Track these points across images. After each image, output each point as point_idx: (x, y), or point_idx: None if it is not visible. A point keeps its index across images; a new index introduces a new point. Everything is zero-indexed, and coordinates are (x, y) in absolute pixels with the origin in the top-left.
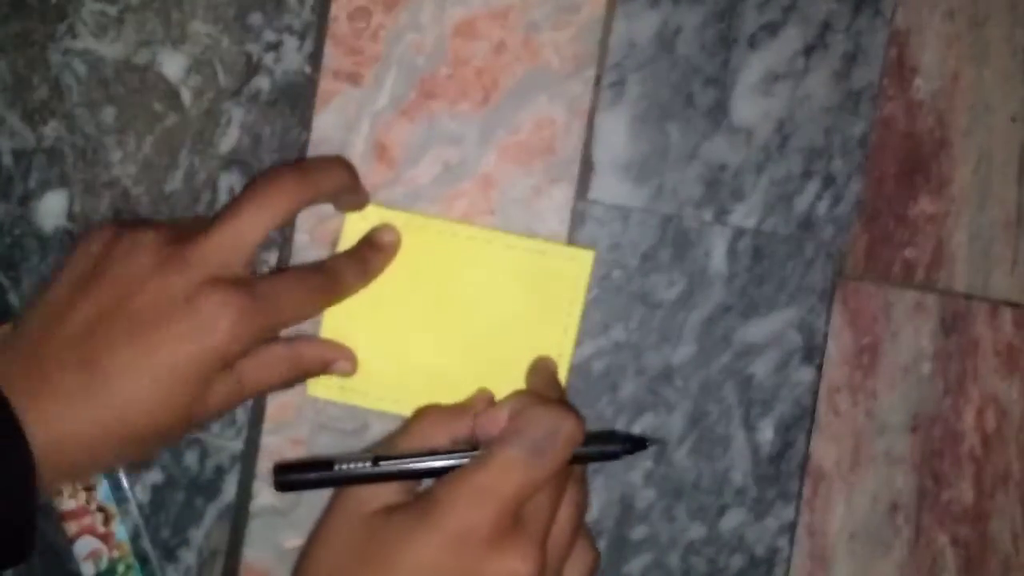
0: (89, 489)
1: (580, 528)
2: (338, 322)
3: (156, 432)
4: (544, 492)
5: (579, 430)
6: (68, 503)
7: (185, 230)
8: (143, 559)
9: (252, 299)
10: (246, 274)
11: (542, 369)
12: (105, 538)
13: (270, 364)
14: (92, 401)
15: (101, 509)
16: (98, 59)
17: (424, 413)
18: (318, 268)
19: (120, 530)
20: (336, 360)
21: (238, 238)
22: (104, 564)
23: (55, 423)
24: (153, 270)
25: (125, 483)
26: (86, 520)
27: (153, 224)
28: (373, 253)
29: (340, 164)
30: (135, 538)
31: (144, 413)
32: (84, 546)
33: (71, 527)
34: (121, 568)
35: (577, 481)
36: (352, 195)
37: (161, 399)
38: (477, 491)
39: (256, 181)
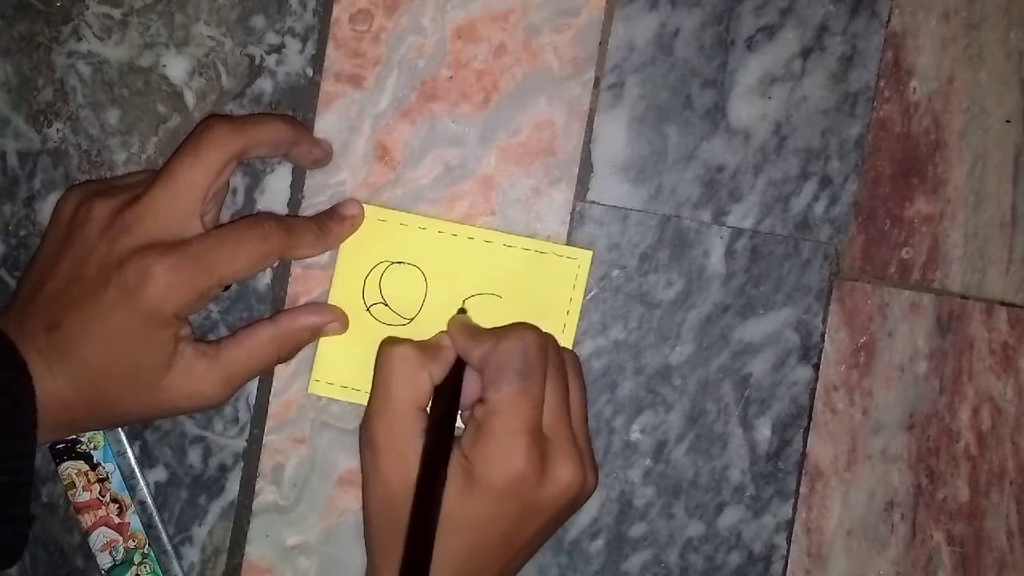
0: (103, 480)
1: (585, 404)
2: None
3: (124, 397)
4: (550, 398)
5: (536, 333)
6: (82, 495)
7: (140, 190)
8: (158, 548)
9: (181, 259)
10: (193, 230)
11: (464, 323)
12: (120, 528)
13: (256, 347)
14: (64, 364)
15: (115, 500)
16: (102, 61)
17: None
18: (275, 219)
19: (134, 520)
20: (325, 324)
21: (175, 198)
22: (120, 554)
23: (38, 382)
24: (99, 238)
25: (138, 474)
26: (101, 512)
27: (109, 189)
28: (335, 223)
29: (276, 116)
30: (149, 528)
31: (106, 378)
32: (100, 537)
33: (86, 519)
34: (137, 557)
35: (572, 370)
36: (303, 148)
37: (118, 363)
38: (503, 439)
39: (188, 137)
